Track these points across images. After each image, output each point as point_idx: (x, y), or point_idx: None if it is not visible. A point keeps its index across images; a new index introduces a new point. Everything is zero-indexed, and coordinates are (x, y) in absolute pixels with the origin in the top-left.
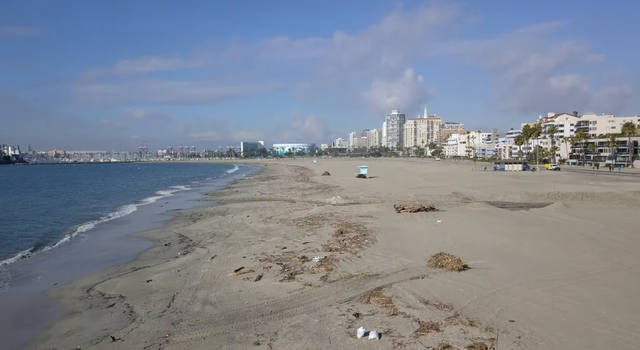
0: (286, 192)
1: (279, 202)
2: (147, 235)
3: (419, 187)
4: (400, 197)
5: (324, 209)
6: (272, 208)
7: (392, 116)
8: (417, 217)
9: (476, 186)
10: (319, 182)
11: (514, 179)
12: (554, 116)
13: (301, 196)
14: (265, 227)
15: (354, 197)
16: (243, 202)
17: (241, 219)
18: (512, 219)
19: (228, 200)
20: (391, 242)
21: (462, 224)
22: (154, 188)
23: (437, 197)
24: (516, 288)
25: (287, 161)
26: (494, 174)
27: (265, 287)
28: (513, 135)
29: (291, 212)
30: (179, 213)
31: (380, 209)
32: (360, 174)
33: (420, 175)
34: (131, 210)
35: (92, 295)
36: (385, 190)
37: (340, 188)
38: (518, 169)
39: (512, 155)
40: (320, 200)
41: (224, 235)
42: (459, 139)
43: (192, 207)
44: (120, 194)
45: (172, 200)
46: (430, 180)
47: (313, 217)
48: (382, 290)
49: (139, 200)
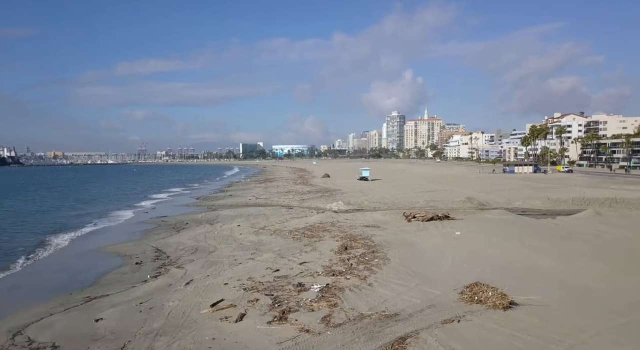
0: (283, 197)
1: (275, 208)
2: (119, 249)
3: (427, 191)
4: (408, 203)
5: (325, 217)
6: (266, 215)
7: (392, 117)
8: (430, 228)
9: (489, 190)
10: (319, 185)
11: (528, 182)
12: (560, 116)
13: (299, 201)
14: (256, 240)
15: (357, 203)
16: (235, 208)
17: (230, 229)
18: (543, 230)
19: (220, 205)
20: (406, 261)
21: (486, 237)
22: (145, 191)
23: (449, 202)
24: (595, 340)
25: (286, 163)
26: (504, 177)
27: (247, 332)
28: (517, 137)
29: (287, 221)
30: (163, 221)
31: (388, 217)
32: (362, 177)
33: (425, 178)
34: (113, 217)
35: (16, 343)
36: (390, 195)
37: (342, 192)
38: (528, 171)
39: (517, 156)
40: (320, 206)
41: (207, 251)
42: (460, 140)
43: (179, 214)
44: (107, 198)
45: (161, 205)
46: (438, 184)
47: (312, 228)
48: (407, 343)
49: (124, 206)
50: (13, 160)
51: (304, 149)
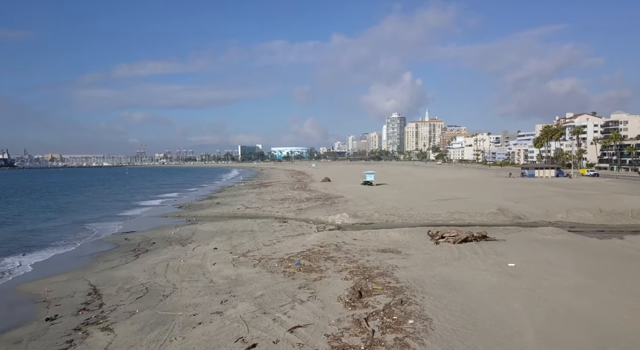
0: (277, 206)
1: (267, 221)
2: (40, 288)
3: (444, 198)
4: (426, 215)
5: (327, 236)
6: (253, 232)
7: (392, 119)
8: (469, 254)
9: (516, 198)
10: (319, 190)
11: (556, 187)
12: (572, 117)
13: (296, 211)
14: (233, 274)
15: (365, 215)
16: (219, 221)
17: (203, 254)
18: (629, 260)
19: (202, 217)
20: (458, 325)
21: (559, 274)
22: (127, 198)
23: (477, 215)
24: None
25: (284, 165)
26: (525, 182)
27: None
28: (525, 138)
29: (279, 241)
30: (127, 239)
31: (408, 236)
32: (366, 181)
33: (435, 182)
34: (70, 234)
35: None
36: (402, 204)
37: (345, 199)
38: (551, 175)
39: (527, 159)
40: (320, 219)
41: (161, 295)
42: (464, 142)
43: (151, 228)
44: (84, 205)
45: (136, 216)
46: (453, 189)
47: (311, 254)
48: None
49: (94, 218)
50: (6, 162)
51: (303, 151)
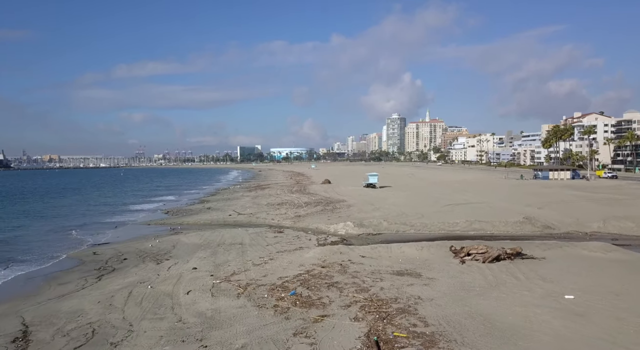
0: (273, 211)
1: (260, 230)
2: None
3: (457, 203)
4: (441, 224)
5: (329, 252)
6: (243, 246)
7: (392, 120)
8: (504, 277)
9: (537, 203)
10: (319, 193)
11: (577, 191)
12: (580, 116)
13: (293, 218)
14: (210, 310)
15: (372, 224)
16: (206, 230)
17: (179, 276)
18: None
19: (189, 225)
20: None
21: (635, 309)
22: (117, 201)
23: (500, 224)
24: None
25: (283, 166)
26: (539, 184)
27: None
28: (530, 138)
29: (272, 259)
30: (95, 253)
31: (426, 253)
32: (369, 183)
33: (442, 185)
34: (35, 246)
35: None
36: (412, 210)
37: (347, 204)
38: (566, 177)
39: (534, 160)
40: (321, 228)
41: (107, 343)
42: (466, 142)
43: (128, 239)
44: (66, 210)
45: (119, 222)
46: (465, 193)
47: (310, 278)
48: None
49: (72, 226)
50: (1, 164)
51: (303, 152)
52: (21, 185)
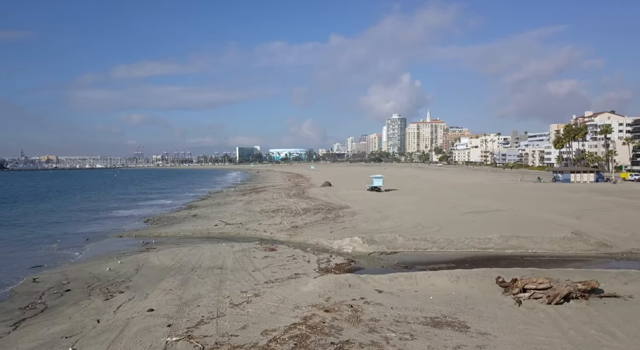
0: (267, 220)
1: (247, 248)
2: None
3: (477, 210)
4: (470, 240)
5: (334, 285)
6: (222, 273)
7: (392, 120)
8: (592, 332)
9: (572, 211)
10: (319, 197)
11: (610, 196)
12: (592, 115)
13: (289, 230)
14: None
15: (385, 240)
16: (184, 246)
17: (124, 325)
18: None
19: (166, 237)
20: None
21: None
22: (100, 206)
23: (544, 240)
24: None
25: (282, 167)
26: (562, 188)
27: None
28: (537, 138)
29: (258, 296)
30: (35, 281)
31: (463, 285)
32: (373, 186)
33: (452, 188)
34: None
35: None
36: (428, 219)
37: (352, 211)
38: (590, 180)
39: (543, 160)
40: (322, 244)
41: None
42: (470, 143)
43: (87, 258)
44: (41, 216)
45: (91, 233)
46: (480, 197)
47: (309, 334)
48: None
49: (35, 237)
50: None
51: (302, 153)
52: (7, 187)
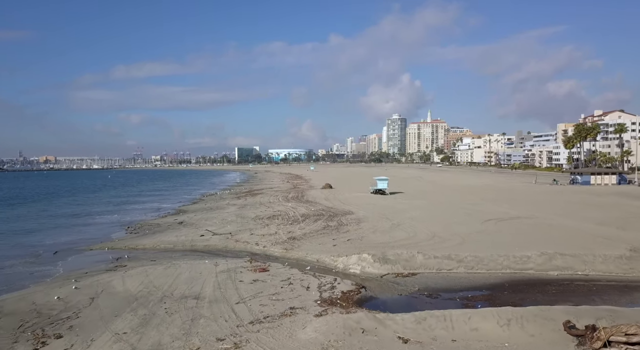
0: (260, 229)
1: (234, 267)
2: None
3: (498, 218)
4: (503, 257)
5: (341, 330)
6: (198, 305)
7: (393, 120)
8: None
9: (608, 219)
10: (319, 201)
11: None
12: (602, 114)
13: (286, 242)
14: None
15: (400, 257)
16: (159, 264)
17: None
18: None
19: (143, 249)
20: None
21: None
22: (82, 211)
23: (597, 260)
24: None
25: (281, 168)
26: (584, 191)
27: None
28: (543, 138)
29: (238, 347)
30: None
31: (518, 333)
32: (377, 189)
33: (463, 191)
34: None
35: None
36: (444, 228)
37: (357, 218)
38: (612, 182)
39: (552, 161)
40: (324, 262)
41: None
42: (472, 143)
43: (35, 282)
44: (12, 223)
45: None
46: (496, 202)
47: None
48: None
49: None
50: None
51: (302, 154)
52: None
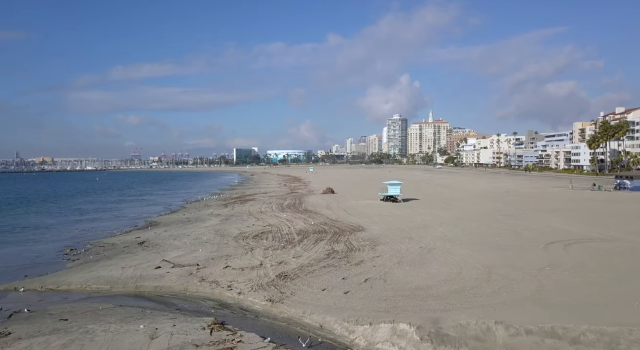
0: (241, 257)
1: (179, 345)
2: None
3: (559, 239)
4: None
5: None
6: None
7: (393, 121)
8: None
9: None
10: (320, 211)
11: None
12: (624, 112)
13: (272, 286)
14: None
15: (465, 331)
16: (67, 329)
17: None
18: None
19: (66, 292)
20: None
21: None
22: (41, 224)
23: None
24: None
25: (279, 169)
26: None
27: None
28: (556, 138)
29: None
30: None
31: None
32: (388, 195)
33: (485, 197)
34: None
35: None
36: (499, 257)
37: (371, 238)
38: None
39: (570, 162)
40: (333, 332)
41: None
42: (478, 143)
43: None
44: None
45: None
46: (541, 214)
47: None
48: None
49: None
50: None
51: (301, 155)
52: None
